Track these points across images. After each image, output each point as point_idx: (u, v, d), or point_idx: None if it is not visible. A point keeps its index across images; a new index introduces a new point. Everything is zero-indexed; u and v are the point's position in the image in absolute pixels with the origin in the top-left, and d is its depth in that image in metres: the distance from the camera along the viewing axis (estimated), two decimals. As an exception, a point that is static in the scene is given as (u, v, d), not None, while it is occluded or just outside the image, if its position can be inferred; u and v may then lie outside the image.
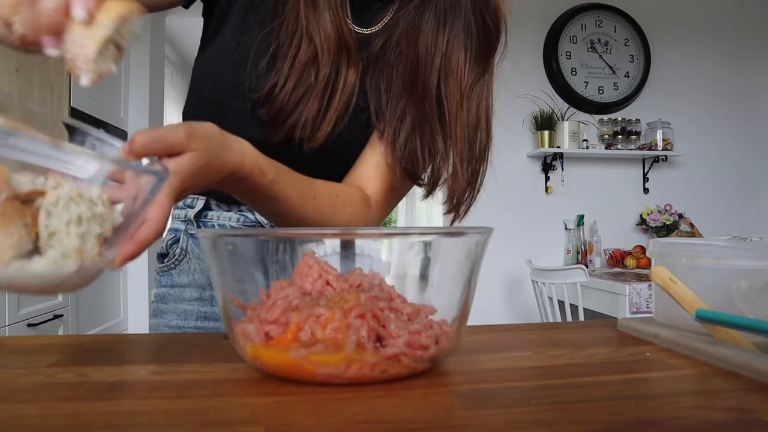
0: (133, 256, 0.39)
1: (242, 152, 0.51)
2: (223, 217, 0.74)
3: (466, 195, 0.71)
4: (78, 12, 0.35)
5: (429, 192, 0.72)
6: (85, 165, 0.39)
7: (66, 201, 0.32)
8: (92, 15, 0.35)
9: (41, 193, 0.32)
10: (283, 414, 0.31)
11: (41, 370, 0.40)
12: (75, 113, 2.38)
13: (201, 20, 0.74)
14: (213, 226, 0.74)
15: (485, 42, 0.69)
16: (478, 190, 0.72)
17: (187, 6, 0.70)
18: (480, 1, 0.68)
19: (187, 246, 0.74)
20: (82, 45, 0.36)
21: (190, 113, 0.73)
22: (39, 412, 0.31)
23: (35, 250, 0.32)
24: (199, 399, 0.34)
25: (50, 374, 0.39)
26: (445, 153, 0.69)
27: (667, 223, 3.07)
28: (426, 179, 0.72)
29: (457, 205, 0.70)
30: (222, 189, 0.53)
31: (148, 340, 0.54)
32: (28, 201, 0.32)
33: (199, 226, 0.75)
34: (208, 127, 0.47)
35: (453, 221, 0.71)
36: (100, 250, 0.33)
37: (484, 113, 0.71)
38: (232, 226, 0.73)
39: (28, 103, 2.19)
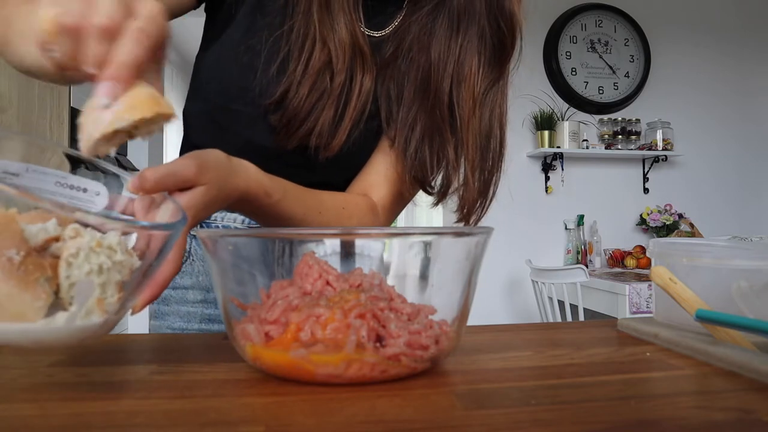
0: (153, 299, 0.40)
1: (247, 176, 0.51)
2: (227, 218, 0.73)
3: (477, 205, 0.69)
4: (98, 98, 0.34)
5: (438, 201, 0.71)
6: (93, 200, 0.40)
7: (86, 252, 0.31)
8: (115, 98, 0.34)
9: (56, 238, 0.32)
10: (283, 414, 0.31)
11: (41, 370, 0.40)
12: (75, 113, 2.38)
13: (201, 20, 0.73)
14: (217, 226, 0.73)
15: (500, 48, 0.68)
16: (491, 201, 0.70)
17: (197, 6, 0.69)
18: (495, 6, 0.67)
19: (190, 248, 0.74)
20: (94, 122, 0.35)
21: (193, 116, 0.72)
22: (39, 412, 0.31)
23: (56, 301, 0.32)
24: (199, 399, 0.34)
25: (50, 374, 0.39)
26: (456, 161, 0.68)
27: (667, 223, 3.08)
28: (436, 188, 0.71)
29: (467, 215, 0.69)
30: (228, 210, 0.53)
31: (148, 340, 0.54)
32: (43, 249, 0.32)
33: (203, 227, 0.74)
34: (215, 156, 0.47)
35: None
36: (119, 296, 0.34)
37: (497, 120, 0.69)
38: (236, 227, 0.73)
39: (28, 99, 2.19)
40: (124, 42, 0.35)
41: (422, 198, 0.76)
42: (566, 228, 3.17)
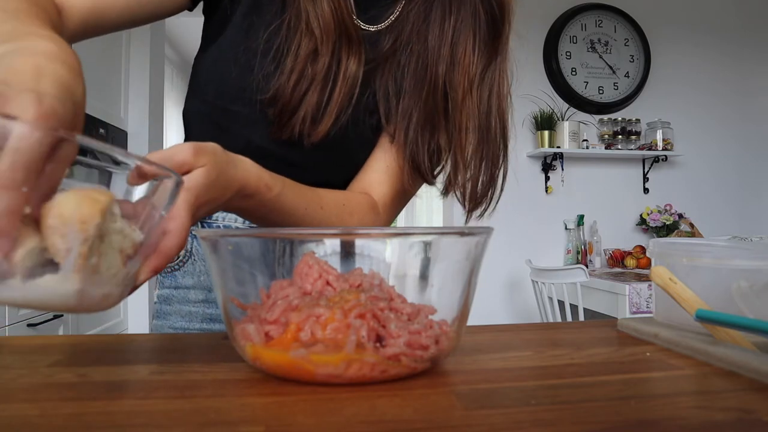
0: (158, 269, 0.39)
1: (245, 169, 0.51)
2: (228, 218, 0.73)
3: (486, 197, 0.68)
4: None
5: (446, 192, 0.70)
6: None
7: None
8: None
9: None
10: (283, 414, 0.31)
11: (41, 370, 0.40)
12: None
13: (201, 20, 0.73)
14: (218, 226, 0.73)
15: (493, 24, 0.68)
16: (500, 192, 0.69)
17: (191, 8, 0.69)
18: None
19: (191, 247, 0.74)
20: None
21: (192, 117, 0.72)
22: (39, 412, 0.31)
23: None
24: (199, 399, 0.34)
25: (50, 374, 0.39)
26: (455, 149, 0.67)
27: (667, 223, 3.08)
28: (439, 178, 0.70)
29: (473, 207, 0.68)
30: (230, 209, 0.53)
31: (148, 340, 0.54)
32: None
33: (203, 227, 0.74)
34: (212, 144, 0.47)
35: (467, 221, 0.69)
36: (124, 265, 0.33)
37: (496, 100, 0.68)
38: (237, 227, 0.73)
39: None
40: None
41: (423, 190, 0.76)
42: (566, 228, 3.17)
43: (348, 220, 0.64)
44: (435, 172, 0.70)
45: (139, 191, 0.37)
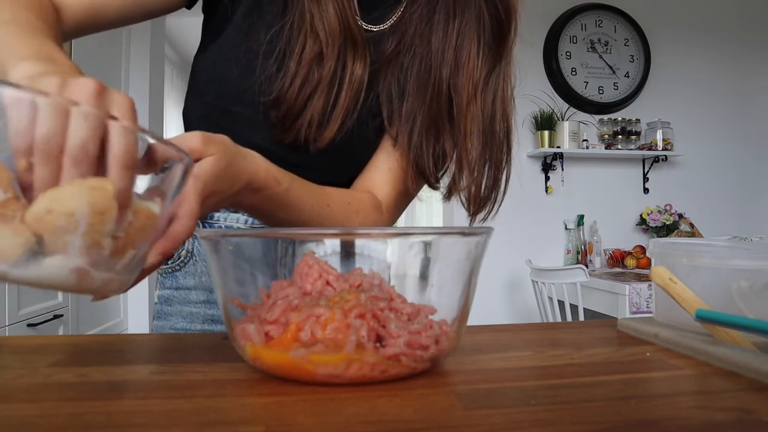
0: (167, 252, 0.39)
1: (255, 162, 0.51)
2: (230, 219, 0.73)
3: (490, 199, 0.68)
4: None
5: (448, 195, 0.70)
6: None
7: (82, 189, 0.31)
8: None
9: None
10: (283, 414, 0.31)
11: (41, 370, 0.40)
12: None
13: (201, 19, 0.73)
14: (220, 227, 0.73)
15: (498, 29, 0.67)
16: (503, 194, 0.69)
17: (189, 6, 0.69)
18: None
19: (192, 248, 0.73)
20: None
21: (192, 117, 0.72)
22: (39, 412, 0.31)
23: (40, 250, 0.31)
24: (199, 399, 0.34)
25: (50, 374, 0.39)
26: (458, 152, 0.67)
27: (667, 223, 3.08)
28: (442, 182, 0.70)
29: (477, 210, 0.68)
30: (238, 204, 0.52)
31: (148, 340, 0.54)
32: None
33: (205, 227, 0.74)
34: (221, 136, 0.47)
35: (471, 223, 0.69)
36: (128, 242, 0.33)
37: (500, 104, 0.68)
38: (239, 227, 0.73)
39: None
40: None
41: (425, 193, 0.75)
42: (566, 228, 3.17)
43: (353, 218, 0.64)
44: (439, 176, 0.70)
45: (145, 182, 0.36)
